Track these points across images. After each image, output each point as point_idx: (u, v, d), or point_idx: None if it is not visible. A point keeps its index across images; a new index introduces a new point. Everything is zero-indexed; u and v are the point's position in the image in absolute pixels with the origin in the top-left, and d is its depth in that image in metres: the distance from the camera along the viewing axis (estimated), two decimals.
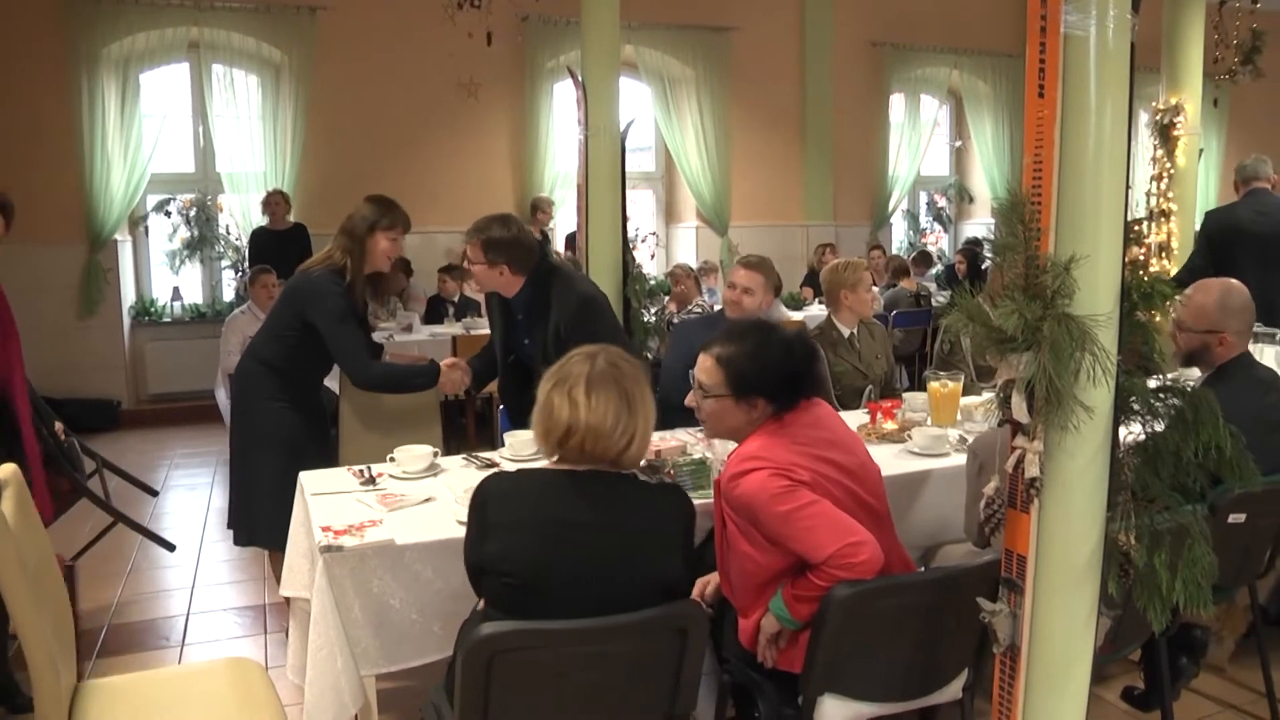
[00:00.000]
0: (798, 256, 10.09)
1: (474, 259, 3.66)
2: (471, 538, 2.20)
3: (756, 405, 2.52)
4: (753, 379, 2.51)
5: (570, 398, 2.15)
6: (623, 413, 2.16)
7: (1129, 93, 1.91)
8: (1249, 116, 12.60)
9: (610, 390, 2.17)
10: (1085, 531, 1.98)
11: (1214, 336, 3.28)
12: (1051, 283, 1.85)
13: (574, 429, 2.15)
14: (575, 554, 2.12)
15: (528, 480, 2.24)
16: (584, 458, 2.18)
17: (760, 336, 2.59)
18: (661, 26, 9.31)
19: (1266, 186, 5.89)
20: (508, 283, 3.64)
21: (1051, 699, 2.05)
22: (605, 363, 2.20)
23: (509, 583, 2.12)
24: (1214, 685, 3.53)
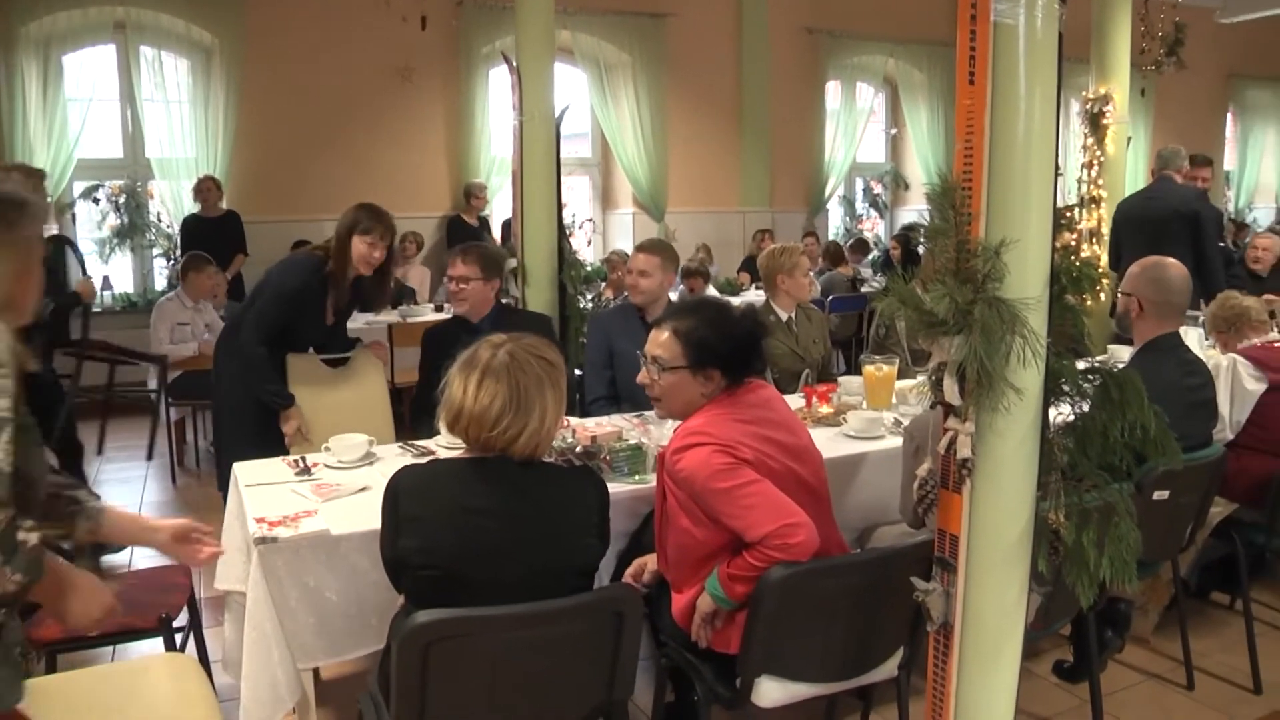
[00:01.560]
0: (734, 242, 10.15)
1: (468, 274, 3.83)
2: (386, 534, 2.17)
3: (712, 377, 2.55)
4: (709, 349, 2.54)
5: (464, 383, 2.15)
6: (508, 408, 2.13)
7: (1057, 81, 1.95)
8: (1173, 106, 12.95)
9: (500, 383, 2.14)
10: (1016, 511, 2.02)
11: (1131, 300, 3.39)
12: (982, 267, 1.88)
13: (460, 414, 2.15)
14: (491, 543, 2.11)
15: (438, 471, 2.21)
16: (478, 445, 2.17)
17: (715, 308, 2.65)
18: (597, 12, 9.27)
19: (1173, 176, 6.08)
20: (488, 304, 3.90)
21: (984, 675, 2.10)
22: (506, 354, 2.18)
23: (428, 576, 2.11)
24: (1139, 656, 3.64)
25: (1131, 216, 6.35)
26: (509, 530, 2.13)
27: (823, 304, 7.64)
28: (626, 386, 3.92)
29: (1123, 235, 6.37)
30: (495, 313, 3.96)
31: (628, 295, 4.20)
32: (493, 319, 3.91)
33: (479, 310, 3.92)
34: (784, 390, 3.97)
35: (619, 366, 3.99)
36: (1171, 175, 6.07)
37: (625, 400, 3.91)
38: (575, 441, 3.01)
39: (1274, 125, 14.59)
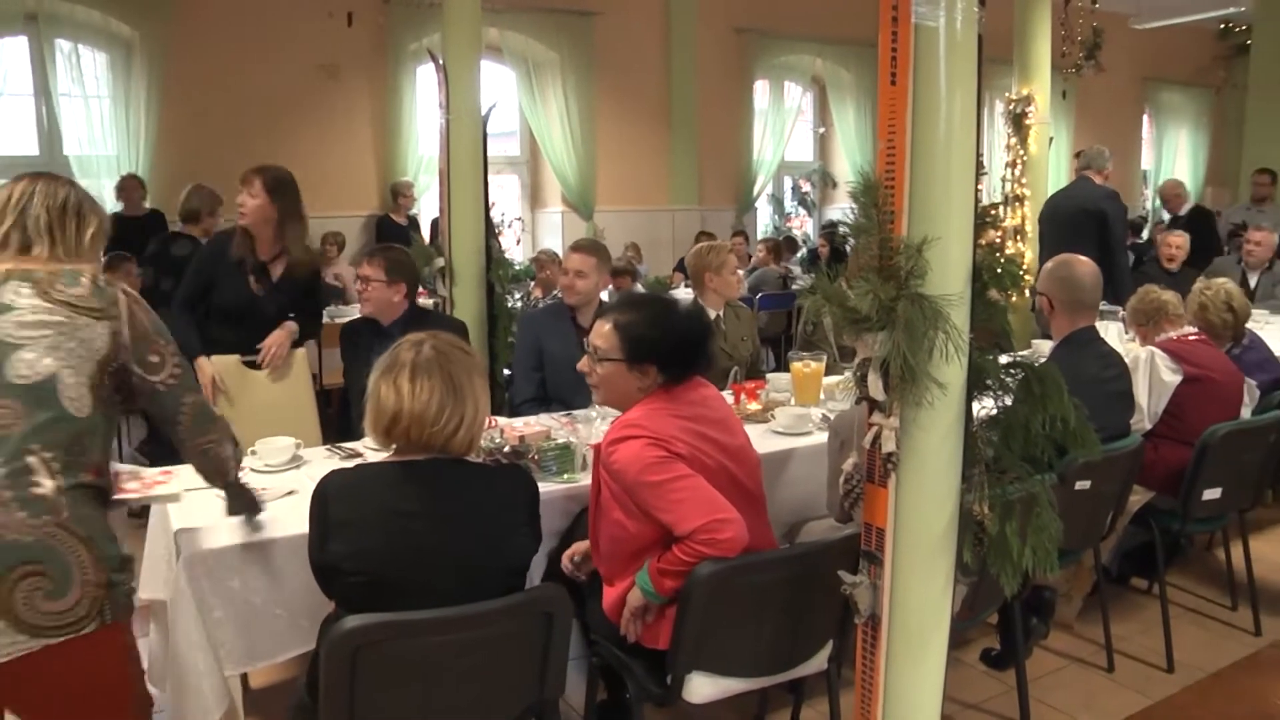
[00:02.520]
0: (664, 241, 10.17)
1: (370, 275, 3.82)
2: (315, 539, 2.14)
3: (648, 373, 2.55)
4: (647, 345, 2.54)
5: (395, 386, 2.13)
6: (448, 400, 2.13)
7: (977, 82, 1.98)
8: (1093, 108, 13.32)
9: (434, 377, 2.14)
10: (941, 503, 2.05)
11: (1043, 299, 3.49)
12: (905, 264, 1.91)
13: (399, 417, 2.12)
14: (422, 545, 2.09)
15: (366, 475, 2.19)
16: (414, 447, 2.15)
17: (659, 306, 2.64)
18: (525, 10, 9.23)
19: (1092, 176, 6.24)
20: (396, 306, 3.85)
21: (912, 665, 2.13)
22: (430, 349, 2.18)
23: (358, 581, 2.08)
24: (1063, 641, 3.74)
25: (1049, 215, 6.58)
26: (440, 532, 2.11)
27: (752, 301, 7.70)
28: (556, 388, 3.92)
29: (1044, 233, 6.58)
30: (407, 316, 3.91)
31: (558, 294, 4.18)
32: (404, 323, 3.85)
33: (384, 312, 3.88)
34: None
35: (549, 367, 3.98)
36: (1090, 175, 6.23)
37: (555, 401, 3.90)
38: (503, 441, 3.00)
39: (1186, 127, 15.07)
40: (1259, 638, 3.83)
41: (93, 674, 1.94)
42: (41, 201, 2.07)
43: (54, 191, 2.09)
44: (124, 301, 2.05)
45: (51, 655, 1.86)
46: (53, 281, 1.97)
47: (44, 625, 1.84)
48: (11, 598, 1.81)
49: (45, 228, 2.05)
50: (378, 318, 3.89)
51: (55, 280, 1.98)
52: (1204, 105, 15.14)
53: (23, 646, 1.83)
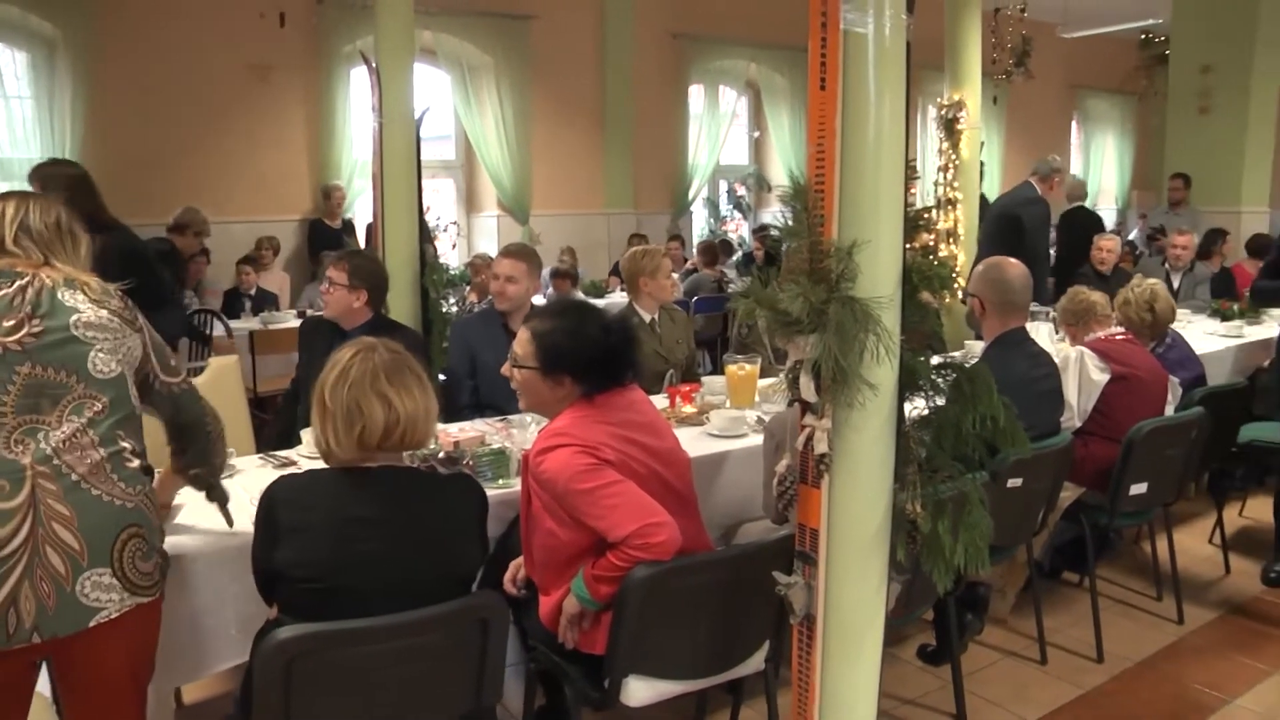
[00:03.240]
0: (599, 244, 10.15)
1: (336, 279, 3.79)
2: (261, 544, 2.13)
3: (563, 383, 2.54)
4: (561, 357, 2.53)
5: (380, 396, 2.12)
6: (424, 395, 2.17)
7: (907, 87, 2.00)
8: (1024, 113, 13.60)
9: (409, 377, 2.17)
10: (874, 503, 2.07)
11: (974, 300, 3.55)
12: (835, 267, 1.92)
13: (394, 427, 2.12)
14: (372, 552, 2.08)
15: (317, 481, 2.18)
16: (384, 452, 2.14)
17: (576, 316, 2.61)
18: (460, 13, 9.16)
19: (1032, 183, 6.38)
20: (357, 312, 3.82)
21: (847, 663, 2.14)
22: (388, 351, 2.19)
23: (307, 587, 2.06)
24: (997, 636, 3.81)
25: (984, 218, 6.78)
26: (391, 540, 2.10)
27: (688, 305, 7.73)
28: (490, 394, 3.89)
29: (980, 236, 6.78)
30: (372, 324, 3.88)
31: (492, 300, 4.16)
32: (367, 330, 3.79)
33: (344, 317, 3.85)
34: (648, 391, 3.99)
35: (481, 374, 3.95)
36: (1032, 181, 6.37)
37: (489, 408, 3.87)
38: (438, 448, 2.97)
39: (1112, 133, 15.45)
40: (1181, 626, 3.96)
41: (149, 639, 2.18)
42: (40, 219, 2.17)
43: (47, 209, 2.20)
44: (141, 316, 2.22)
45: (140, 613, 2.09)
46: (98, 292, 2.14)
47: (140, 584, 2.08)
48: (121, 556, 2.04)
49: (50, 243, 2.17)
50: (339, 321, 3.86)
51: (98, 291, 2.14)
52: (1128, 111, 15.53)
53: (128, 603, 2.05)
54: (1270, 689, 3.48)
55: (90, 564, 2.00)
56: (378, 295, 3.92)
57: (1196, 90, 8.85)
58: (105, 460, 2.05)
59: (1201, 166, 8.84)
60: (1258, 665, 3.64)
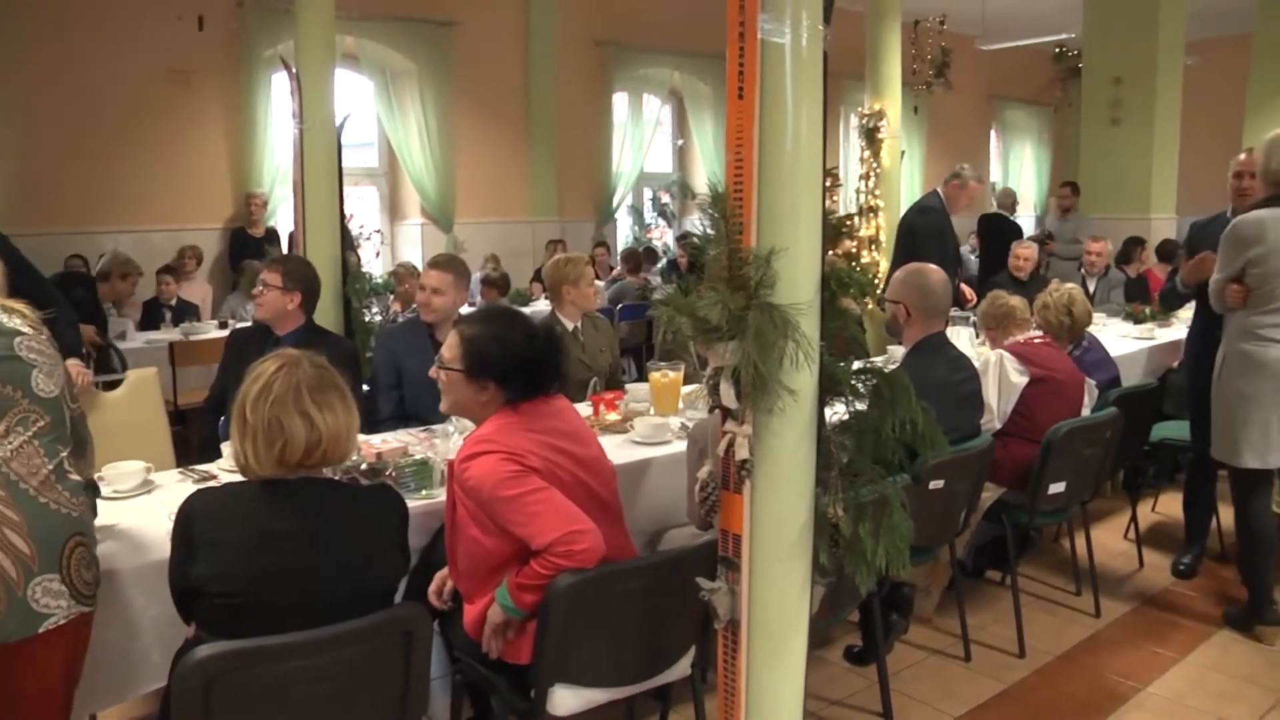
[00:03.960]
0: (524, 253, 10.11)
1: (270, 281, 3.78)
2: (178, 559, 2.08)
3: (487, 388, 2.53)
4: (486, 362, 2.52)
5: (303, 413, 2.09)
6: (347, 411, 2.15)
7: (823, 96, 2.03)
8: (944, 123, 13.89)
9: (332, 393, 2.14)
10: (795, 507, 2.08)
11: (897, 307, 3.59)
12: (754, 274, 1.93)
13: (315, 445, 2.09)
14: (293, 566, 2.05)
15: (236, 494, 2.14)
16: (306, 467, 2.11)
17: (504, 322, 2.60)
18: (382, 18, 9.08)
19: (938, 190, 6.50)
20: (291, 316, 3.81)
21: (772, 666, 2.15)
22: (312, 366, 2.16)
23: (226, 603, 2.02)
24: (922, 635, 3.88)
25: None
26: (312, 553, 2.07)
27: (612, 313, 7.74)
28: (415, 405, 3.86)
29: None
30: (303, 330, 3.86)
31: (417, 309, 4.12)
32: (299, 336, 3.81)
33: (278, 320, 3.83)
34: (572, 399, 3.98)
35: (407, 385, 3.91)
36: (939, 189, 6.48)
37: (414, 419, 3.83)
38: (360, 460, 2.94)
39: (1030, 142, 15.86)
40: (1098, 619, 4.07)
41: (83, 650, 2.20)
42: None
43: None
44: None
45: (81, 622, 2.12)
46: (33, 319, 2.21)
47: (84, 593, 2.11)
48: (70, 563, 2.08)
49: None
50: (271, 325, 3.83)
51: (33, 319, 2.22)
52: (1045, 122, 15.96)
53: (73, 611, 2.08)
54: (1178, 675, 3.62)
55: (41, 570, 2.03)
56: (311, 300, 3.90)
57: (1108, 101, 9.10)
58: (51, 472, 2.11)
59: (1113, 175, 9.09)
60: (1167, 654, 3.78)
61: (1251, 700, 3.43)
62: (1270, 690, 3.50)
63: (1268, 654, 3.77)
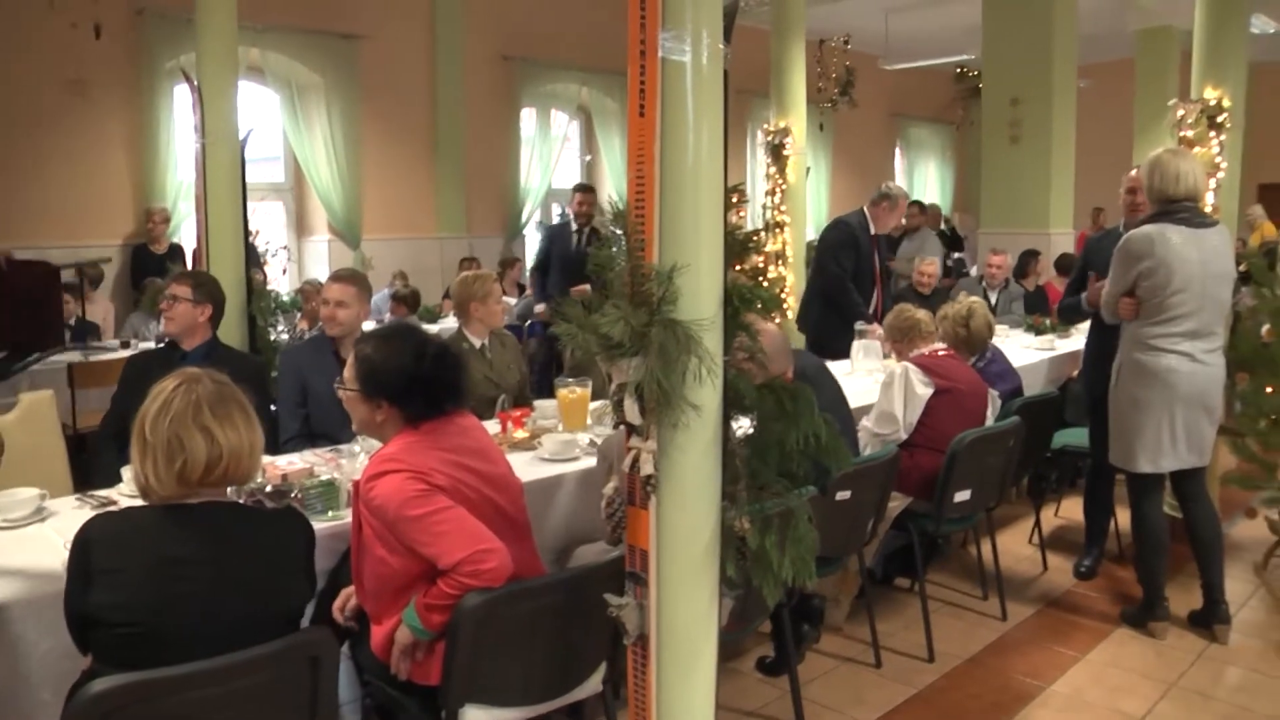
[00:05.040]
0: (433, 269, 9.99)
1: (180, 294, 3.75)
2: (74, 588, 2.01)
3: (382, 407, 2.51)
4: (379, 381, 2.50)
5: (203, 429, 2.05)
6: (250, 428, 2.12)
7: (724, 114, 2.05)
8: (849, 140, 14.14)
9: (233, 409, 2.11)
10: (702, 521, 2.09)
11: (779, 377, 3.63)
12: (656, 290, 1.95)
13: (216, 461, 2.05)
14: (196, 592, 2.01)
15: (135, 520, 2.08)
16: (207, 488, 2.06)
17: (396, 341, 2.58)
18: (287, 30, 8.92)
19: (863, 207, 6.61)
20: (200, 329, 3.79)
21: (682, 680, 2.16)
22: (213, 382, 2.12)
23: (124, 633, 1.96)
24: (834, 643, 3.93)
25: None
26: (215, 579, 2.02)
27: (521, 329, 7.72)
28: (321, 423, 3.80)
29: None
30: (209, 346, 3.80)
31: (323, 327, 4.06)
32: (205, 351, 3.76)
33: (188, 334, 3.78)
34: (481, 417, 3.96)
35: (313, 403, 3.85)
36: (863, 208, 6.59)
37: (321, 438, 3.77)
38: (265, 482, 2.88)
39: (934, 159, 16.25)
40: (1005, 622, 4.18)
41: None
42: None
43: None
44: None
45: None
46: None
47: None
48: None
49: None
50: (180, 339, 3.79)
51: None
52: (947, 140, 16.36)
53: None
54: (1079, 672, 3.75)
55: None
56: (219, 314, 3.88)
57: (1007, 121, 9.37)
58: None
59: (1013, 191, 9.36)
60: (1070, 653, 3.90)
61: (1144, 692, 3.58)
62: (1161, 682, 3.65)
63: (1159, 648, 3.93)
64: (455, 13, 10.13)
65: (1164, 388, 3.84)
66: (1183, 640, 3.97)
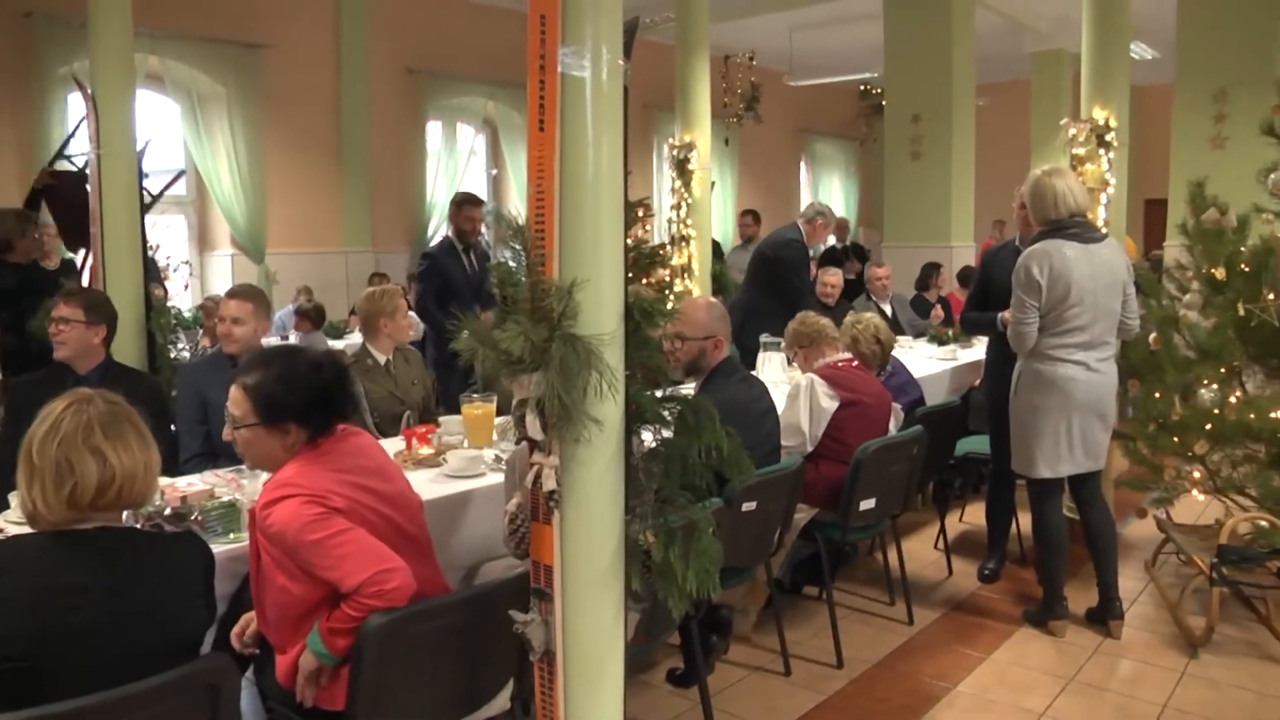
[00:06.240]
0: (338, 284, 9.81)
1: (70, 316, 3.65)
2: None
3: (289, 431, 2.45)
4: (281, 404, 2.44)
5: (94, 451, 1.98)
6: (145, 449, 2.06)
7: (624, 129, 2.07)
8: (755, 155, 14.31)
9: (127, 429, 2.04)
10: (605, 536, 2.10)
11: (710, 341, 3.68)
12: (556, 306, 1.95)
13: (108, 484, 1.98)
14: (86, 622, 1.93)
15: (20, 547, 2.01)
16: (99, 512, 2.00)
17: (286, 360, 2.53)
18: (188, 38, 8.70)
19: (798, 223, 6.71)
20: (95, 351, 3.70)
21: (590, 695, 2.16)
22: (103, 402, 2.05)
23: (9, 668, 1.88)
24: (743, 653, 3.96)
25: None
26: (107, 608, 1.95)
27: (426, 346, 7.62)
28: (223, 442, 3.73)
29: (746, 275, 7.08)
30: (104, 367, 3.69)
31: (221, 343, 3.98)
32: (101, 373, 3.65)
33: (82, 357, 3.67)
34: (385, 434, 3.92)
35: (214, 420, 3.77)
36: (797, 223, 6.69)
37: (223, 456, 3.69)
38: (164, 504, 2.80)
39: (839, 175, 16.54)
40: (911, 626, 4.27)
41: None
42: None
43: None
44: None
45: None
46: None
47: None
48: None
49: None
50: (73, 363, 3.67)
51: None
52: (851, 155, 16.68)
53: None
54: (984, 672, 3.85)
55: None
56: (113, 333, 3.78)
57: (909, 137, 9.61)
58: None
59: (916, 206, 9.60)
60: (975, 654, 4.00)
61: (1045, 688, 3.69)
62: (1060, 678, 3.77)
63: (1059, 645, 4.06)
64: (360, 24, 9.99)
65: (1061, 396, 3.97)
66: (1081, 637, 4.11)
